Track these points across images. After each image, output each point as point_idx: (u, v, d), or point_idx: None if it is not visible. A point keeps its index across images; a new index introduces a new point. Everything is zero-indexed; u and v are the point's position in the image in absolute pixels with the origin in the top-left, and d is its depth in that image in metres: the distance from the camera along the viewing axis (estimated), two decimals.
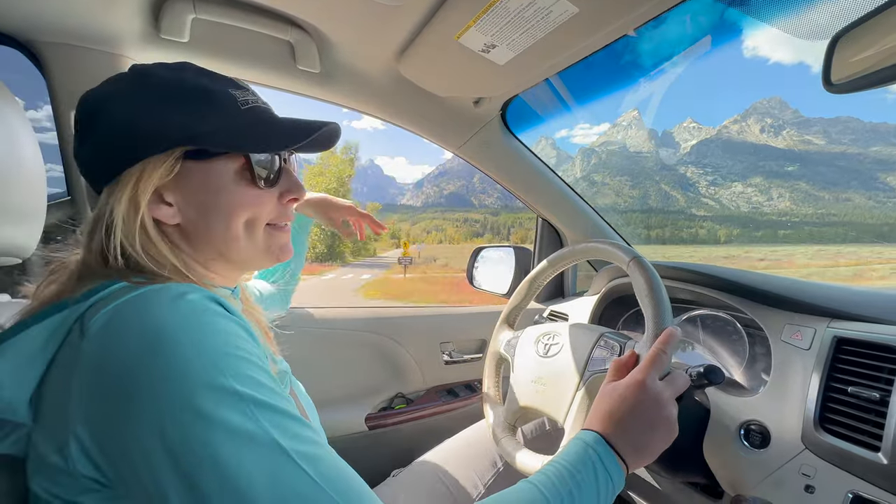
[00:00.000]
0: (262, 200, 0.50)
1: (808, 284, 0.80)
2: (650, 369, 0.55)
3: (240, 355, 0.36)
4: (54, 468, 0.34)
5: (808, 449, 0.63)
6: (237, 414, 0.33)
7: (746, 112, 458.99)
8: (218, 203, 0.47)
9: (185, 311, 0.36)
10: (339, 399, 1.22)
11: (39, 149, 0.61)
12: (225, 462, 0.32)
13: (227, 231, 0.48)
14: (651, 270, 0.64)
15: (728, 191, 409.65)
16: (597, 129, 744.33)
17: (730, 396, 0.74)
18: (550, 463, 0.49)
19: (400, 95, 1.06)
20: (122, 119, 0.44)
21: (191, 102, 0.46)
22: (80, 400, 0.34)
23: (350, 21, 0.82)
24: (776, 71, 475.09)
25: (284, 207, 0.53)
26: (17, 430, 0.36)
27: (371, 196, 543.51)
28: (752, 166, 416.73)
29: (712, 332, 0.92)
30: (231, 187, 0.48)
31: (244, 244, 0.50)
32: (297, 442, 0.35)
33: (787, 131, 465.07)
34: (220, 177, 0.47)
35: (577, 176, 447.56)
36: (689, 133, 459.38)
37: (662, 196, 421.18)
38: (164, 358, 0.33)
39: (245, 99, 0.49)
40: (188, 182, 0.46)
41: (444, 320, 1.43)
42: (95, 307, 0.37)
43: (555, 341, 0.79)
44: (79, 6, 0.75)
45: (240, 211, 0.48)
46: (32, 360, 0.36)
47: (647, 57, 32.30)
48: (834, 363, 0.65)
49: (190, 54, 0.87)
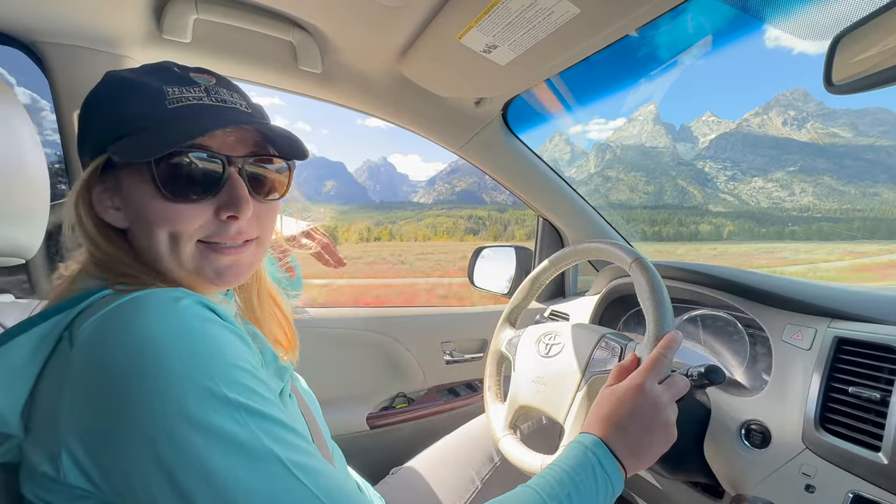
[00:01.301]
0: (181, 215, 0.43)
1: (808, 284, 0.80)
2: (650, 373, 0.55)
3: (232, 362, 0.36)
4: (46, 477, 0.34)
5: (809, 449, 0.63)
6: (229, 422, 0.33)
7: (768, 105, 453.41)
8: (137, 212, 0.43)
9: (175, 317, 0.35)
10: (340, 398, 1.23)
11: (42, 150, 0.61)
12: (217, 470, 0.31)
13: (151, 244, 0.44)
14: (653, 272, 0.64)
15: (748, 186, 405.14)
16: (612, 123, 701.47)
17: (731, 396, 0.74)
18: (549, 466, 0.49)
19: (401, 95, 1.06)
20: (82, 115, 0.45)
21: (118, 102, 0.43)
22: (71, 411, 0.33)
23: (352, 22, 0.83)
24: (800, 62, 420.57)
25: (222, 225, 0.45)
26: (9, 440, 0.36)
27: (383, 194, 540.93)
28: (774, 160, 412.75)
29: (713, 332, 0.92)
30: (145, 198, 0.42)
31: (169, 261, 0.44)
32: (292, 451, 0.35)
33: (811, 124, 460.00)
34: (135, 185, 0.43)
35: (590, 172, 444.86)
36: (707, 127, 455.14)
37: (679, 192, 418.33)
38: (155, 367, 0.32)
39: (179, 96, 0.43)
40: (120, 187, 0.44)
41: (445, 320, 1.43)
42: (84, 315, 0.36)
43: (556, 341, 0.79)
44: (81, 7, 0.75)
45: (158, 223, 0.43)
46: (22, 371, 0.35)
47: (650, 56, 32.71)
48: (834, 363, 0.65)
49: (192, 54, 0.87)
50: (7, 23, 0.76)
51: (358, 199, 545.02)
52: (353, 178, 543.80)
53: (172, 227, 0.43)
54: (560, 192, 1.37)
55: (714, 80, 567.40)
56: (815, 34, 0.70)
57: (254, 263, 0.50)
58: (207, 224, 0.45)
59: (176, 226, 0.43)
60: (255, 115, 0.47)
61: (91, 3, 0.75)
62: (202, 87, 0.44)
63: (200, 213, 0.44)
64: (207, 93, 0.44)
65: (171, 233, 0.43)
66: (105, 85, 0.44)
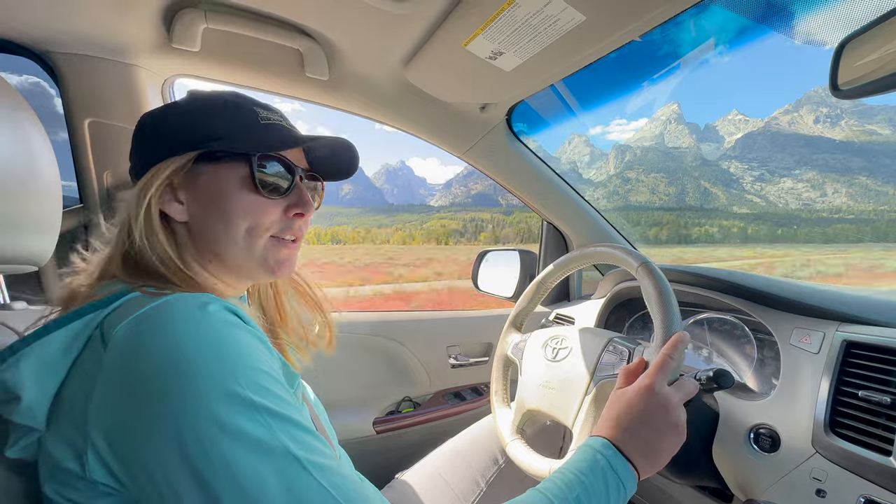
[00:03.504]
0: (264, 209, 0.50)
1: (815, 288, 0.80)
2: (658, 375, 0.55)
3: (256, 367, 0.37)
4: (70, 473, 0.35)
5: (819, 453, 0.63)
6: (253, 424, 0.34)
7: (799, 102, 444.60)
8: (220, 205, 0.49)
9: (205, 323, 0.37)
10: (347, 402, 1.23)
11: (55, 158, 0.62)
12: (241, 470, 0.33)
13: (227, 234, 0.49)
14: (660, 276, 0.64)
15: (776, 187, 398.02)
16: (634, 124, 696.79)
17: (739, 400, 0.74)
18: (558, 470, 0.50)
19: (407, 101, 1.07)
20: (153, 126, 0.50)
21: (212, 112, 0.49)
22: (100, 409, 0.34)
23: (358, 29, 0.83)
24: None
25: (289, 221, 0.53)
26: (28, 434, 0.37)
27: (401, 197, 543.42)
28: (805, 160, 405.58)
29: (720, 336, 0.92)
30: (234, 192, 0.49)
31: (241, 250, 0.50)
32: (311, 453, 0.36)
33: (845, 121, 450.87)
34: (226, 180, 0.49)
35: (609, 173, 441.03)
36: (734, 126, 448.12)
37: (701, 193, 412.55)
38: (184, 370, 0.34)
39: (267, 116, 0.51)
40: (199, 183, 0.49)
41: (450, 324, 1.44)
42: (116, 315, 0.38)
43: (563, 345, 0.79)
44: (93, 18, 0.77)
45: (240, 215, 0.49)
46: (54, 365, 0.37)
47: (672, 55, 31.42)
48: (843, 367, 0.65)
49: (201, 63, 0.88)
50: (21, 34, 0.77)
51: (374, 202, 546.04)
52: (371, 181, 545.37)
53: (253, 218, 0.49)
54: (565, 196, 1.38)
55: (741, 77, 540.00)
56: (821, 39, 0.70)
57: (296, 262, 0.57)
58: (279, 220, 0.52)
59: (256, 217, 0.50)
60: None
61: (102, 14, 0.76)
62: (278, 113, 0.53)
63: (275, 209, 0.51)
64: (282, 118, 0.53)
65: (249, 225, 0.49)
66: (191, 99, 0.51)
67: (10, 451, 0.38)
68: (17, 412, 0.36)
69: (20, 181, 0.53)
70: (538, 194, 1.38)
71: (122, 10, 0.76)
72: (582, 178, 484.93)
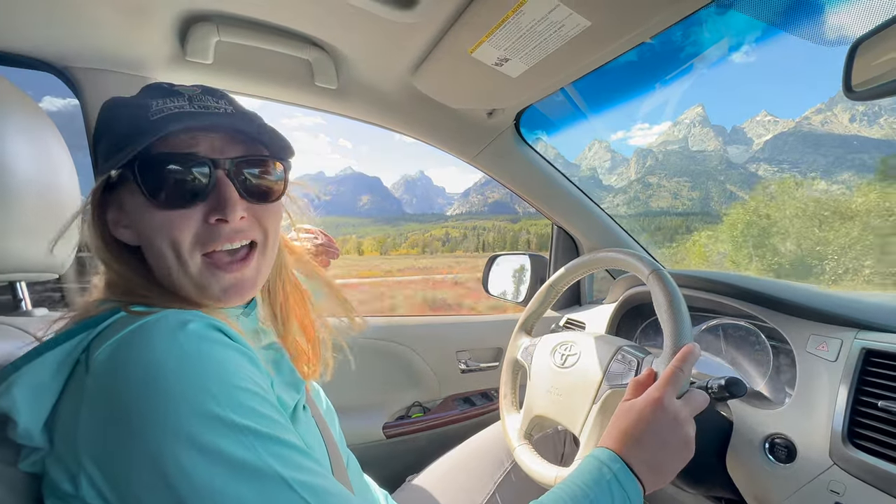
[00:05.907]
0: (172, 224, 0.43)
1: (831, 294, 0.78)
2: (667, 388, 0.54)
3: (238, 385, 0.36)
4: (66, 494, 0.34)
5: (837, 465, 0.61)
6: (235, 445, 0.33)
7: (832, 100, 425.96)
8: (139, 227, 0.44)
9: (183, 342, 0.36)
10: (356, 407, 1.23)
11: (74, 168, 0.64)
12: (224, 494, 0.32)
13: (159, 259, 0.44)
14: (671, 284, 0.63)
15: (808, 189, 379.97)
16: (657, 128, 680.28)
17: (753, 409, 0.72)
18: (564, 481, 0.49)
19: (414, 108, 1.08)
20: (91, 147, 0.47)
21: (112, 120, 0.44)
22: (87, 435, 0.34)
23: (366, 39, 0.85)
24: None
25: (213, 229, 0.44)
26: (35, 452, 0.37)
27: (419, 207, 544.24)
28: (840, 160, 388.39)
29: (734, 343, 0.90)
30: (142, 208, 0.43)
31: (180, 275, 0.44)
32: (299, 472, 0.35)
33: (885, 118, 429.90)
34: (132, 199, 0.43)
35: (630, 178, 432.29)
36: (763, 127, 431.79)
37: (727, 197, 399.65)
38: (163, 392, 0.33)
39: (162, 108, 0.42)
40: (124, 203, 0.45)
41: (459, 329, 1.44)
42: (101, 338, 0.37)
43: (572, 352, 0.78)
44: (111, 34, 0.79)
45: (155, 236, 0.43)
46: (45, 388, 0.36)
47: (692, 56, 31.05)
48: (862, 376, 0.63)
49: (213, 75, 0.90)
50: (42, 51, 0.81)
51: (392, 212, 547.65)
52: (390, 192, 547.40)
53: (168, 235, 0.43)
54: (575, 201, 1.37)
55: (769, 77, 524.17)
56: (835, 40, 0.69)
57: (258, 278, 0.49)
58: (200, 231, 0.44)
59: (171, 234, 0.43)
60: (237, 117, 0.46)
61: (119, 30, 0.79)
62: (185, 96, 0.44)
63: (191, 220, 0.43)
64: (190, 101, 0.44)
65: (170, 243, 0.43)
66: (102, 111, 0.46)
67: (22, 464, 0.38)
68: (17, 435, 0.36)
69: (41, 192, 0.56)
70: (548, 198, 1.38)
71: (138, 26, 0.79)
72: (602, 185, 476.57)
